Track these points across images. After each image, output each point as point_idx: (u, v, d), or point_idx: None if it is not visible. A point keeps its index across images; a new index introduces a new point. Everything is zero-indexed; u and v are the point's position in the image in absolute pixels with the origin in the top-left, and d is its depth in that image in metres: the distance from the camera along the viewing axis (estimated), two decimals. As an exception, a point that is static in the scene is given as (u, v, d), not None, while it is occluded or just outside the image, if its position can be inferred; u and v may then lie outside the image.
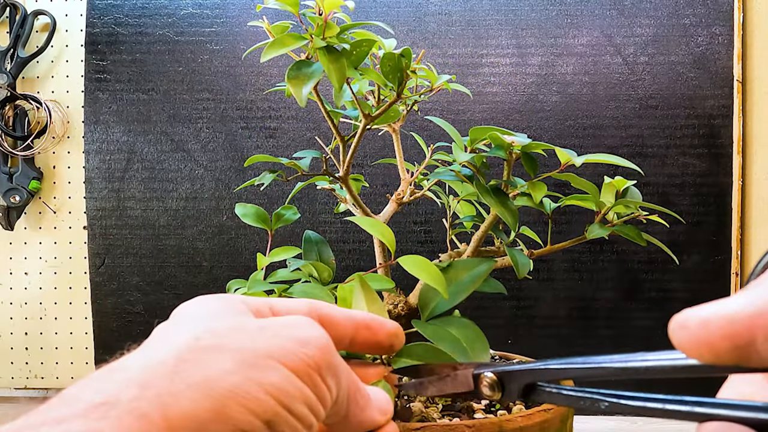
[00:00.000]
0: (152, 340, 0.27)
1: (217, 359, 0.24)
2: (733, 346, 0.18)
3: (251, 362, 0.24)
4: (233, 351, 0.24)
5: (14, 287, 1.06)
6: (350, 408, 0.28)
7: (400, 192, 0.53)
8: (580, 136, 0.97)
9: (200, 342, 0.24)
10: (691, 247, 0.96)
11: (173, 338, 0.25)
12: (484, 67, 0.98)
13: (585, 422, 0.90)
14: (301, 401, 0.24)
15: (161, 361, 0.23)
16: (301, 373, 0.25)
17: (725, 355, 0.19)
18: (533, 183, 0.49)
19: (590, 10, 0.97)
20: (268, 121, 1.01)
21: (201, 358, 0.24)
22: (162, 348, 0.24)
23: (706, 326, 0.19)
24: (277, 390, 0.24)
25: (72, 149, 1.05)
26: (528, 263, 0.49)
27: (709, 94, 0.96)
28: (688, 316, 0.19)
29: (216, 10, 1.01)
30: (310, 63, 0.43)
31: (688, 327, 0.19)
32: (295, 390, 0.24)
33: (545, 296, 0.98)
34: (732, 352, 0.18)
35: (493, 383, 0.30)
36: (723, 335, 0.18)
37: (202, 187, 1.02)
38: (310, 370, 0.25)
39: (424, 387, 0.34)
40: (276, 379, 0.24)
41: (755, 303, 0.18)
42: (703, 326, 0.19)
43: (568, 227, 0.97)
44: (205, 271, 1.02)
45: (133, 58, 1.02)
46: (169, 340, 0.25)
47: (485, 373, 0.30)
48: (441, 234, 0.98)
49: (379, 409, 0.30)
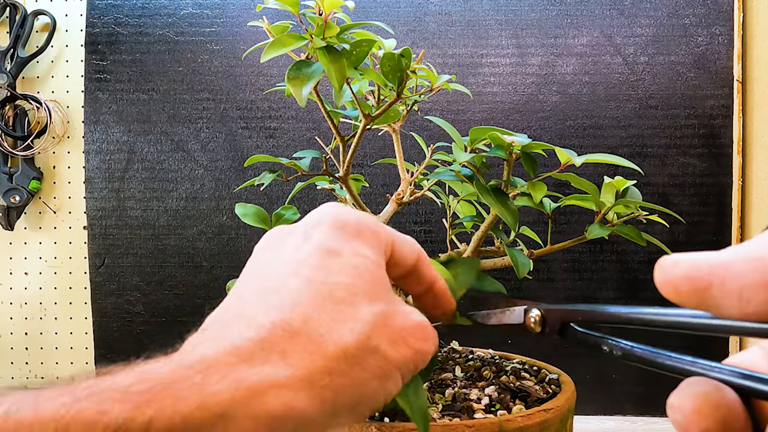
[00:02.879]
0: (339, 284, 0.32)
1: (371, 365, 0.30)
2: (693, 289, 0.20)
3: (387, 374, 0.30)
4: (383, 362, 0.30)
5: (14, 287, 1.06)
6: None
7: (400, 192, 0.53)
8: (580, 136, 0.97)
9: (370, 342, 0.30)
10: (691, 247, 0.96)
11: (362, 314, 0.31)
12: (484, 67, 0.98)
13: (585, 422, 0.90)
14: (396, 392, 0.31)
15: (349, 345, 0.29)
16: (406, 377, 0.32)
17: (686, 296, 0.21)
18: (533, 183, 0.49)
19: (590, 10, 0.97)
20: (268, 121, 1.01)
21: (365, 359, 0.29)
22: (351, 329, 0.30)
23: (675, 267, 0.21)
24: (389, 396, 0.31)
25: (72, 149, 1.05)
26: (528, 263, 0.49)
27: (709, 94, 0.96)
28: (667, 258, 0.21)
29: (216, 10, 1.01)
30: (310, 63, 0.43)
31: (663, 267, 0.21)
32: (397, 389, 0.31)
33: (545, 296, 0.98)
34: (692, 294, 0.20)
35: (537, 319, 0.36)
36: (685, 276, 0.20)
37: (202, 187, 1.02)
38: (412, 373, 0.32)
39: (488, 317, 0.41)
40: (392, 386, 0.31)
41: (722, 255, 0.20)
42: (674, 267, 0.21)
43: (568, 227, 0.97)
44: (205, 271, 1.02)
45: (133, 58, 1.02)
46: (361, 317, 0.30)
47: (533, 310, 0.37)
48: (441, 234, 0.98)
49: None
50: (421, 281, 0.38)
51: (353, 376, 0.29)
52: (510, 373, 0.52)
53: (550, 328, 0.36)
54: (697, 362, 0.24)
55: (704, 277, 0.20)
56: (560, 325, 0.35)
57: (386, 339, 0.31)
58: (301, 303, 0.29)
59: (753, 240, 0.20)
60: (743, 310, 0.19)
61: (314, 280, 0.31)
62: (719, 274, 0.20)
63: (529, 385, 0.49)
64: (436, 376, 0.52)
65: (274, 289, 0.30)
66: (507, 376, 0.51)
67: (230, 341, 0.27)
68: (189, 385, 0.24)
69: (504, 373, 0.52)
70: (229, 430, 0.24)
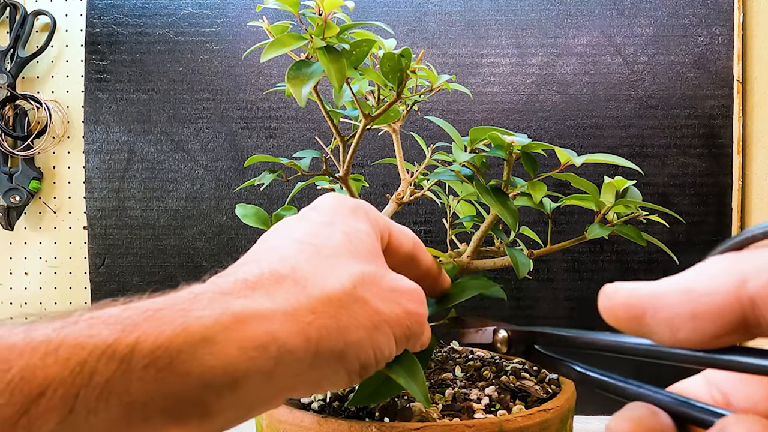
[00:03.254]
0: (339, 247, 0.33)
1: (357, 314, 0.31)
2: (630, 317, 0.22)
3: (376, 325, 0.31)
4: (371, 312, 0.31)
5: (14, 287, 1.06)
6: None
7: (400, 192, 0.53)
8: (580, 136, 0.97)
9: (356, 291, 0.31)
10: (691, 247, 0.96)
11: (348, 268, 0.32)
12: (484, 67, 0.98)
13: (585, 422, 0.90)
14: (389, 352, 0.33)
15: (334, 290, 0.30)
16: (399, 338, 0.33)
17: (624, 323, 0.22)
18: (533, 183, 0.49)
19: (590, 10, 0.97)
20: (268, 121, 1.01)
21: (351, 306, 0.30)
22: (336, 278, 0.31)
23: (615, 295, 0.22)
24: (379, 349, 0.32)
25: (72, 149, 1.05)
26: (528, 263, 0.49)
27: (709, 94, 0.96)
28: (610, 286, 0.23)
29: (216, 10, 1.01)
30: (310, 63, 0.43)
31: (605, 293, 0.23)
32: (390, 349, 0.33)
33: (545, 296, 0.98)
34: (629, 321, 0.22)
35: (504, 340, 0.38)
36: (623, 304, 0.22)
37: (202, 187, 1.02)
38: (406, 336, 0.34)
39: (463, 336, 0.43)
40: (383, 341, 0.32)
41: (657, 285, 0.21)
42: (614, 294, 0.22)
43: (568, 227, 0.97)
44: (205, 271, 1.02)
45: (133, 58, 1.02)
46: (347, 270, 0.32)
47: (500, 331, 0.39)
48: (441, 234, 0.98)
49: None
50: (419, 266, 0.39)
51: (339, 319, 0.30)
52: (510, 373, 0.52)
53: (515, 349, 0.38)
54: (642, 387, 0.26)
55: (639, 305, 0.21)
56: (525, 346, 0.37)
57: (375, 294, 0.32)
58: (288, 256, 0.31)
59: (689, 270, 0.21)
60: (674, 338, 0.20)
61: (304, 241, 0.32)
62: (652, 303, 0.21)
63: (529, 385, 0.49)
64: (436, 376, 0.52)
65: (266, 249, 0.33)
66: (507, 376, 0.51)
67: (218, 284, 0.29)
68: (175, 311, 0.26)
69: (504, 373, 0.52)
70: (211, 353, 0.25)
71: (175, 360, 0.24)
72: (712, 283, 0.20)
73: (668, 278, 0.21)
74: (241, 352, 0.26)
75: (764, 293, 0.18)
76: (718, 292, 0.19)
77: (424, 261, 0.40)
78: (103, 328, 0.24)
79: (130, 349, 0.23)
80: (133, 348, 0.24)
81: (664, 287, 0.21)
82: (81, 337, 0.23)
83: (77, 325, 0.24)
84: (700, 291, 0.20)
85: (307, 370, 0.28)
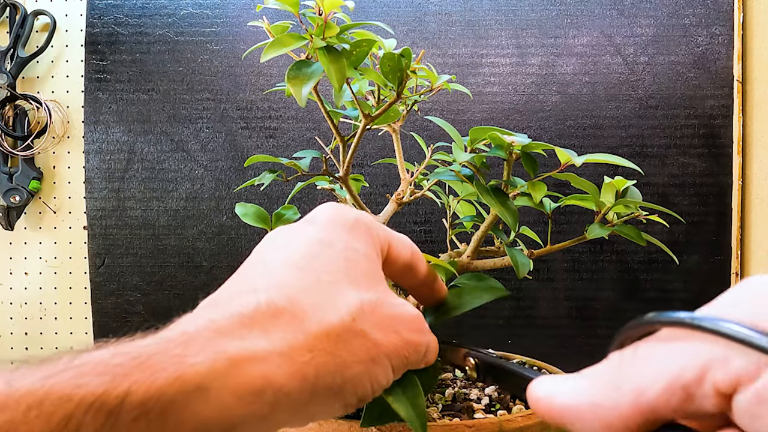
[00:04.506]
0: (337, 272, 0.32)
1: (356, 348, 0.30)
2: (553, 421, 0.24)
3: (374, 359, 0.31)
4: (370, 346, 0.30)
5: (14, 287, 1.06)
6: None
7: (400, 192, 0.53)
8: (580, 136, 0.97)
9: (355, 324, 0.30)
10: (691, 247, 0.96)
11: (348, 298, 0.31)
12: (484, 67, 0.98)
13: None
14: (386, 382, 0.32)
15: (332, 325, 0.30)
16: (396, 368, 0.32)
17: (550, 422, 0.24)
18: (533, 183, 0.49)
19: (590, 10, 0.97)
20: (268, 121, 1.01)
21: (350, 341, 0.30)
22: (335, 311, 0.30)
23: (537, 404, 0.25)
24: (377, 381, 0.31)
25: (72, 149, 1.05)
26: (528, 263, 0.49)
27: (709, 94, 0.96)
28: (533, 387, 0.25)
29: (216, 10, 1.01)
30: (310, 63, 0.43)
31: (530, 394, 0.25)
32: (387, 379, 0.32)
33: (545, 296, 0.98)
34: (557, 426, 0.24)
35: (472, 367, 0.38)
36: (545, 413, 0.24)
37: (202, 187, 1.02)
38: (404, 365, 0.33)
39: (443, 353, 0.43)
40: (382, 377, 0.31)
41: (567, 395, 0.24)
42: (536, 403, 0.25)
43: (568, 227, 0.97)
44: (205, 271, 1.02)
45: (133, 58, 1.02)
46: (346, 301, 0.31)
47: (470, 358, 0.39)
48: (441, 234, 0.98)
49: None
50: (417, 275, 0.39)
51: (337, 355, 0.29)
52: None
53: (484, 375, 0.39)
54: None
55: (558, 417, 0.24)
56: (495, 374, 0.38)
57: (374, 325, 0.31)
58: (286, 285, 0.30)
59: (599, 371, 0.24)
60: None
61: (302, 266, 0.31)
62: (568, 416, 0.23)
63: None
64: (436, 376, 0.52)
65: (263, 273, 0.31)
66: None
67: (211, 318, 0.27)
68: (168, 357, 0.24)
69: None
70: (206, 401, 0.24)
71: (167, 410, 0.23)
72: (614, 396, 0.22)
73: (578, 379, 0.24)
74: (236, 399, 0.25)
75: (660, 403, 0.21)
76: (621, 405, 0.22)
77: (422, 270, 0.39)
78: (92, 378, 0.23)
79: (120, 401, 0.23)
80: (123, 400, 0.23)
81: (574, 400, 0.23)
82: (68, 387, 0.22)
83: (64, 373, 0.23)
84: (607, 406, 0.22)
85: (302, 408, 0.28)
